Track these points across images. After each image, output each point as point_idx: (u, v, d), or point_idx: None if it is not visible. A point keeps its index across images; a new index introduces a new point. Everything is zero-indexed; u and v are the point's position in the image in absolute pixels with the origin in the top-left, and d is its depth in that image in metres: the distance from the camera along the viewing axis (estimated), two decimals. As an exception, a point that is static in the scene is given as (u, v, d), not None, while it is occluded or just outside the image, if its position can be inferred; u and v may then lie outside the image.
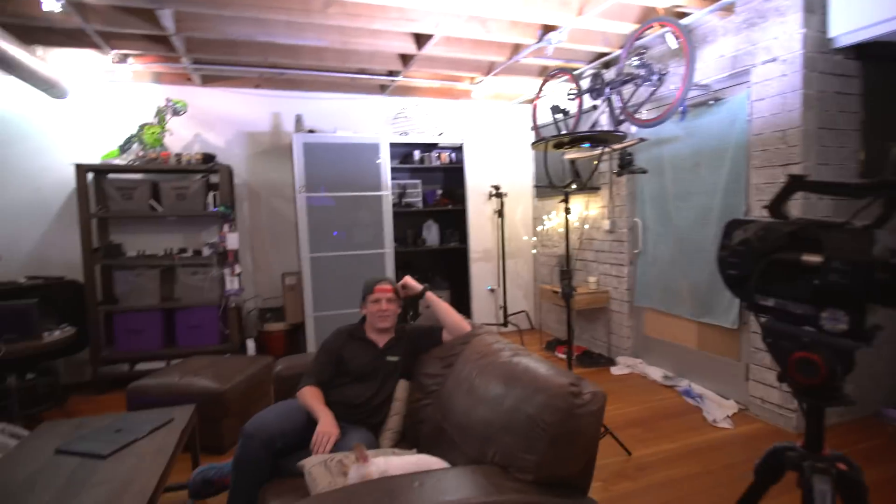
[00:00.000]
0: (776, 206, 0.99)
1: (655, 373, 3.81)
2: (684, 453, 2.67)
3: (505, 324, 5.13)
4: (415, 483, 1.29)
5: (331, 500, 1.24)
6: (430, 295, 2.17)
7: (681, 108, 3.42)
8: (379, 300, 2.13)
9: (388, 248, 4.32)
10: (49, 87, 3.55)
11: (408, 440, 1.99)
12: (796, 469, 0.93)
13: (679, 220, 3.62)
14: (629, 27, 3.40)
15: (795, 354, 0.87)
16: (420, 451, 1.77)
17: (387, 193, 4.30)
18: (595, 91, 3.44)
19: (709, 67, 3.31)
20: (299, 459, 1.63)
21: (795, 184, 0.98)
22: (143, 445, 1.85)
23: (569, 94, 3.67)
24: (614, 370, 4.03)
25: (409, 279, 2.23)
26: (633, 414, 3.19)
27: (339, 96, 4.73)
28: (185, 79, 4.23)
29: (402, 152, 4.79)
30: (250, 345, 4.23)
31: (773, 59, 2.89)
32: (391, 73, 4.39)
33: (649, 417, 3.13)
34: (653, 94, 3.16)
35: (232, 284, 3.97)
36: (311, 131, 4.26)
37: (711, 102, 3.34)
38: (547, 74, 4.10)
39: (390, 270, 4.32)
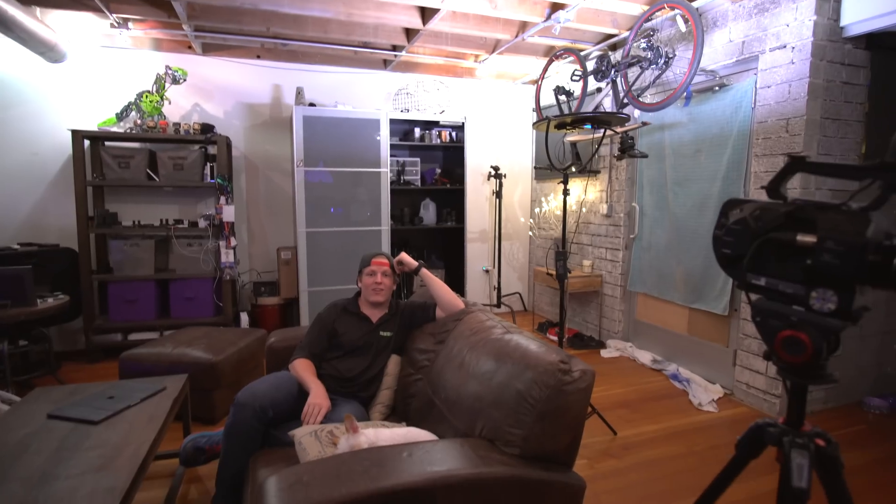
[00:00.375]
0: (775, 186, 0.99)
1: (645, 356, 3.85)
2: (669, 434, 2.71)
3: (498, 304, 5.16)
4: (404, 453, 1.30)
5: (321, 468, 1.26)
6: (424, 272, 2.17)
7: (685, 94, 3.40)
8: (374, 273, 2.13)
9: (385, 226, 4.31)
10: (46, 49, 3.48)
11: (398, 414, 2.01)
12: (776, 444, 0.96)
13: (676, 206, 3.61)
14: (639, 8, 3.35)
15: (783, 333, 0.88)
16: (409, 424, 1.79)
17: (385, 170, 4.27)
18: (600, 73, 3.40)
19: (716, 53, 3.27)
20: (290, 430, 1.65)
21: (795, 164, 0.98)
22: (135, 412, 1.86)
23: (573, 76, 3.63)
24: (604, 353, 4.07)
25: (405, 255, 2.23)
26: (621, 395, 3.23)
27: (341, 70, 4.66)
28: (186, 47, 4.15)
29: (402, 129, 4.74)
30: (244, 318, 4.24)
31: (783, 46, 2.85)
32: (395, 48, 4.33)
33: (636, 399, 3.18)
34: (658, 77, 3.12)
35: (227, 257, 3.97)
36: (311, 105, 4.21)
37: (717, 88, 3.31)
38: (552, 55, 4.04)
39: (386, 248, 4.31)
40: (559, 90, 3.80)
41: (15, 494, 1.32)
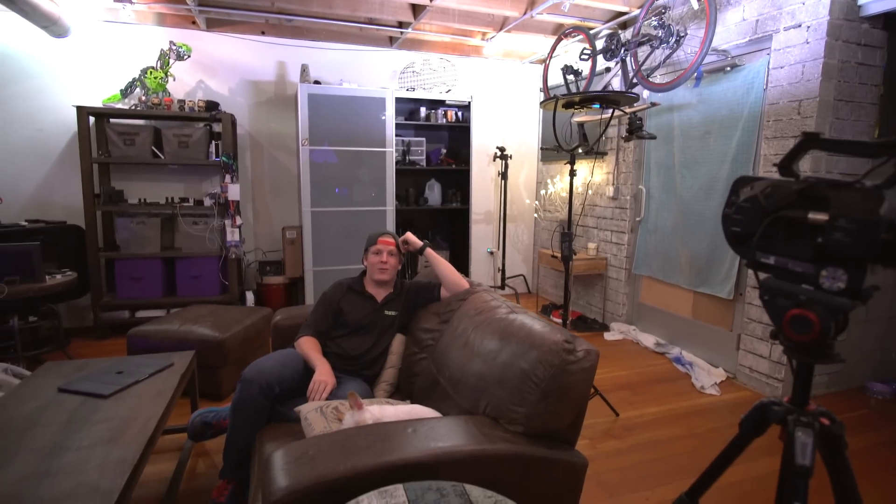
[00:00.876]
0: (787, 164, 0.97)
1: (648, 339, 3.86)
2: (670, 416, 2.73)
3: (502, 286, 5.16)
4: (409, 429, 1.32)
5: (326, 442, 1.28)
6: (429, 251, 2.16)
7: (696, 74, 3.33)
8: (380, 252, 2.13)
9: (390, 206, 4.30)
10: (50, 24, 3.45)
11: (402, 392, 2.03)
12: (781, 422, 0.96)
13: (683, 189, 3.57)
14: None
15: (791, 312, 0.88)
16: (414, 402, 1.81)
17: (391, 150, 4.24)
18: (609, 52, 3.34)
19: (729, 32, 3.20)
20: (296, 406, 1.67)
21: (809, 141, 0.96)
22: (143, 387, 1.89)
23: (582, 55, 3.56)
24: (608, 335, 4.08)
25: (410, 235, 2.22)
26: (624, 378, 3.25)
27: (346, 47, 4.60)
28: (190, 22, 4.10)
29: (407, 108, 4.69)
30: (249, 297, 4.27)
31: (798, 26, 2.78)
32: (401, 25, 4.25)
33: (639, 382, 3.19)
34: (669, 57, 3.06)
35: (233, 236, 3.98)
36: (316, 82, 4.16)
37: (728, 69, 3.24)
38: (561, 33, 3.96)
39: (391, 228, 4.31)
40: (567, 69, 3.74)
41: (27, 465, 1.35)
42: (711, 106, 3.35)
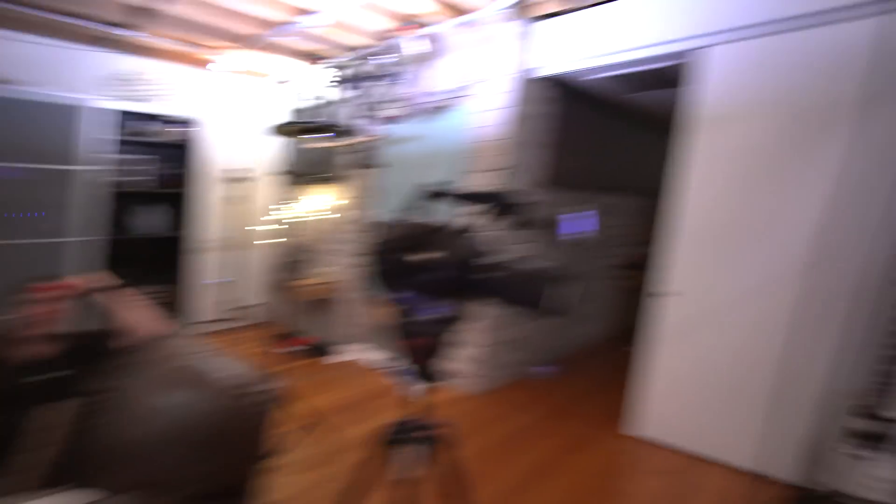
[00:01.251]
0: (410, 211, 1.10)
1: (378, 357, 4.05)
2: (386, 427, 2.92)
3: (235, 319, 4.76)
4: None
5: None
6: (99, 296, 1.81)
7: (419, 110, 3.70)
8: (29, 303, 1.69)
9: (91, 236, 3.56)
10: None
11: (68, 473, 1.63)
12: (398, 440, 1.22)
13: (415, 213, 3.90)
14: (386, 24, 3.46)
15: (411, 339, 1.00)
16: (75, 485, 1.46)
17: (93, 168, 3.53)
18: (349, 82, 3.47)
19: (447, 76, 3.60)
20: None
21: (428, 194, 1.11)
22: None
23: (326, 82, 3.61)
24: (340, 358, 4.16)
25: (75, 279, 1.83)
26: (347, 399, 3.33)
27: (40, 41, 3.68)
28: None
29: (127, 121, 3.99)
30: None
31: (495, 78, 3.32)
32: (125, 26, 3.60)
33: (361, 400, 3.33)
34: (396, 93, 3.32)
35: None
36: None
37: (445, 109, 3.65)
38: (308, 58, 3.90)
39: (94, 261, 3.56)
40: (311, 96, 3.74)
41: None
42: (435, 140, 3.75)
